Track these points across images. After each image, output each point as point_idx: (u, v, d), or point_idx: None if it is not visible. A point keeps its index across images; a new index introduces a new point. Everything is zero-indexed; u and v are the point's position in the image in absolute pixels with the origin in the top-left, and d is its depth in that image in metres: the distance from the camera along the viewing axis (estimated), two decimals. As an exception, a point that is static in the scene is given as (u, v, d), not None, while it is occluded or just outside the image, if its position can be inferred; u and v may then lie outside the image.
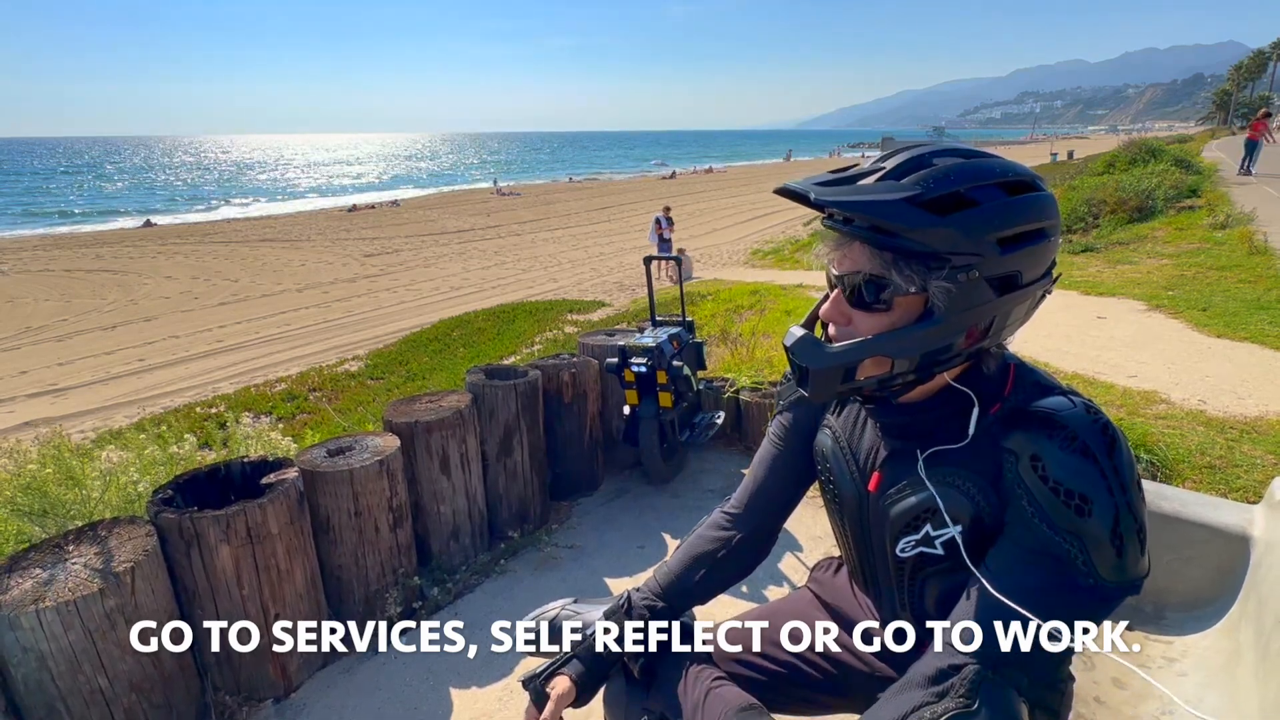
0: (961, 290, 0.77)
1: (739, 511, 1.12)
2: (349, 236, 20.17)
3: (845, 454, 1.00)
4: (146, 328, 10.37)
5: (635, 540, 2.81)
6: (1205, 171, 14.86)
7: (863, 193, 0.78)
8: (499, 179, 46.98)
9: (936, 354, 0.80)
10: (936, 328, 0.78)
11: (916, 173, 0.78)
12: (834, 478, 1.01)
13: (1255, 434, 2.99)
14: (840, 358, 0.82)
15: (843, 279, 0.84)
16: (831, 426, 1.03)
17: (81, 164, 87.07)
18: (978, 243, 0.76)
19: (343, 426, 4.15)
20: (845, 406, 1.03)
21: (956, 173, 0.77)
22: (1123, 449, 0.76)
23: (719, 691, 0.98)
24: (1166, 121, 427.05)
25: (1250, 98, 70.09)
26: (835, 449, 1.01)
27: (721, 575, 1.11)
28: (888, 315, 0.81)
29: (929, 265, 0.77)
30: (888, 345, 0.80)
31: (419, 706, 1.98)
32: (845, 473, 0.99)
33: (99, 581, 1.61)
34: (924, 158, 0.80)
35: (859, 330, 0.84)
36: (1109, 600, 0.76)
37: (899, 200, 0.75)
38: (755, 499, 1.11)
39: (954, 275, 0.76)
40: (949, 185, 0.77)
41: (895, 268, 0.78)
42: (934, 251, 0.76)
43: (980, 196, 0.77)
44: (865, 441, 0.98)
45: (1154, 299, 5.75)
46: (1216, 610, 1.71)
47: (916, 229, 0.75)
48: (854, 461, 0.98)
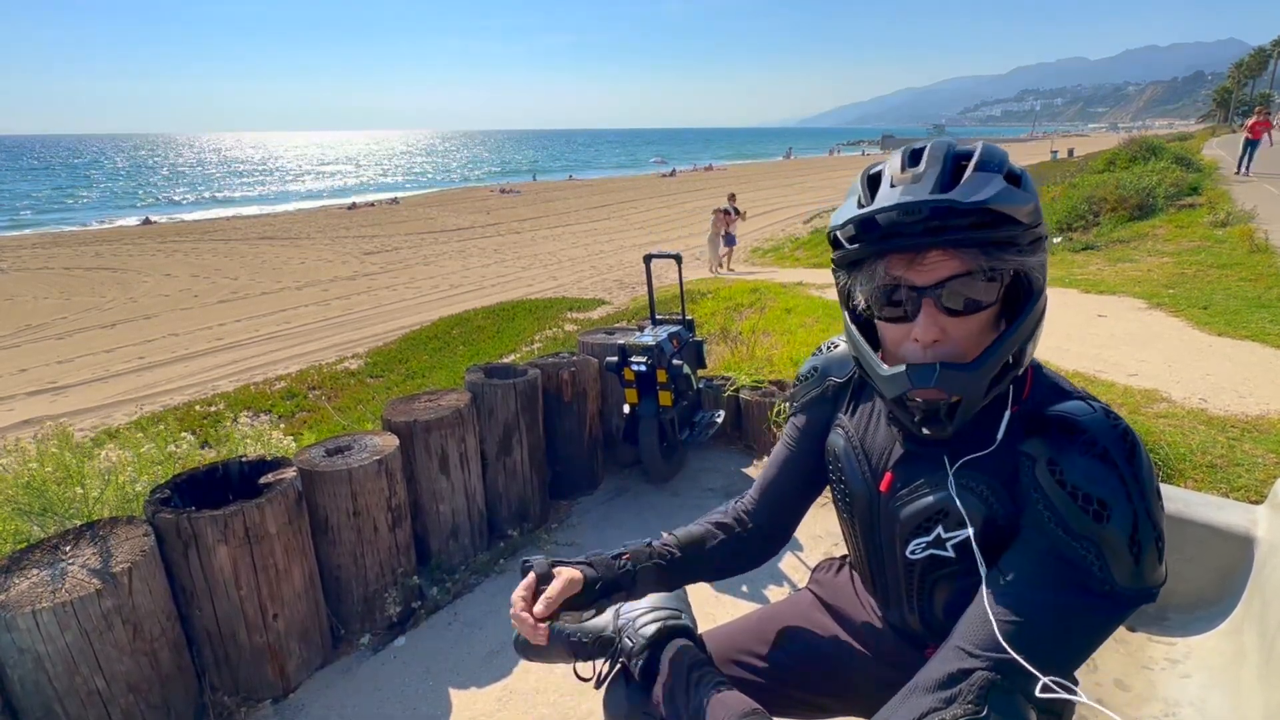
0: (1046, 258, 0.80)
1: (752, 507, 1.12)
2: (348, 234, 20.14)
3: (858, 453, 0.99)
4: (146, 325, 10.36)
5: (635, 539, 2.80)
6: (1206, 169, 14.85)
7: (976, 189, 0.74)
8: (499, 180, 46.91)
9: (1039, 333, 0.81)
10: (1040, 303, 0.79)
11: (969, 160, 0.77)
12: (845, 477, 1.00)
13: (1256, 433, 2.98)
14: (992, 367, 0.78)
15: (936, 290, 0.78)
16: (844, 426, 1.02)
17: (81, 163, 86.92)
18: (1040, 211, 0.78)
19: (342, 425, 4.14)
20: (859, 406, 1.02)
21: (995, 154, 0.78)
22: (1142, 455, 0.75)
23: (720, 695, 0.97)
24: (1167, 119, 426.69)
25: (1251, 95, 69.99)
26: (848, 448, 1.00)
27: (732, 552, 1.09)
28: (987, 312, 0.80)
29: (1023, 245, 0.76)
30: (1018, 339, 0.78)
31: (418, 706, 1.97)
32: (857, 472, 0.98)
33: (96, 582, 1.60)
34: (951, 146, 0.79)
35: (956, 339, 0.80)
36: (1123, 608, 0.74)
37: (1006, 186, 0.75)
38: (767, 495, 1.11)
39: (1044, 244, 0.79)
40: (1006, 164, 0.78)
41: (991, 258, 0.76)
42: (1027, 227, 0.75)
43: (1018, 170, 0.78)
44: (878, 441, 0.97)
45: (1154, 297, 5.74)
46: (1220, 611, 1.70)
47: (1025, 206, 0.75)
48: (866, 461, 0.98)
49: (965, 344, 0.80)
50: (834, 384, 1.06)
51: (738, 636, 1.15)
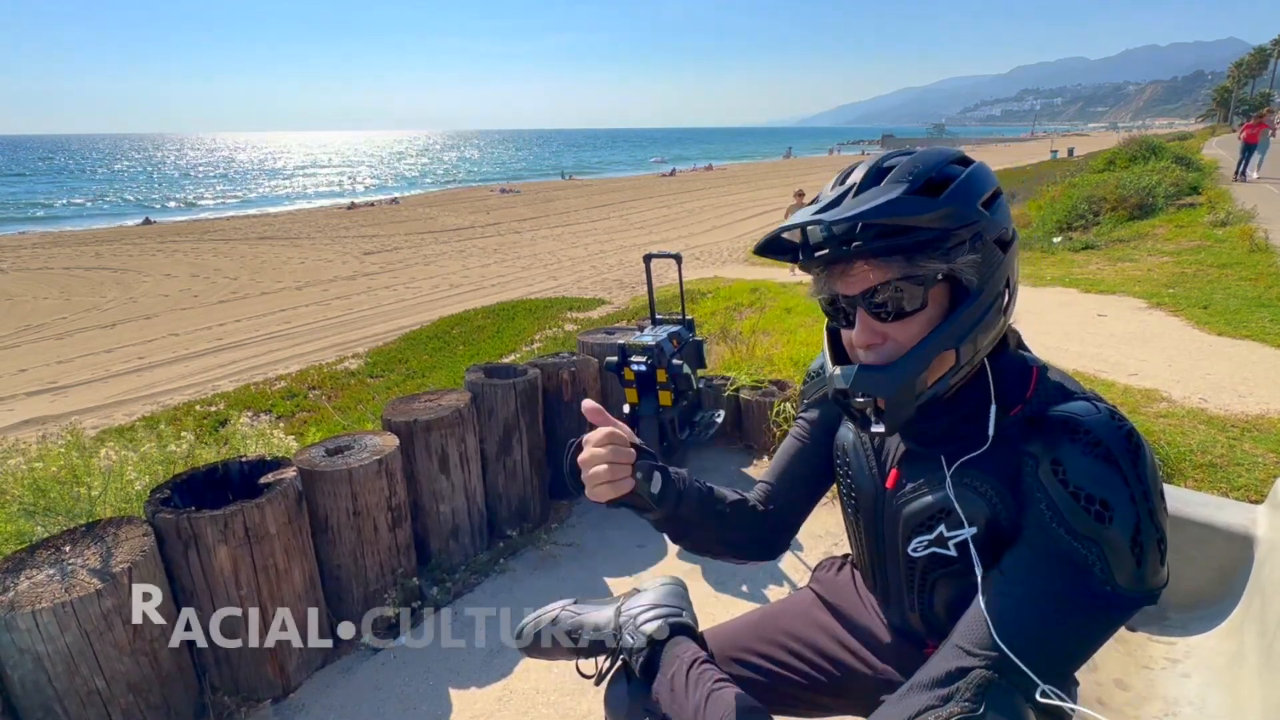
0: (984, 257, 0.79)
1: (765, 495, 1.11)
2: (348, 234, 20.13)
3: (865, 450, 1.00)
4: (146, 325, 10.34)
5: (635, 539, 2.81)
6: (1205, 169, 14.84)
7: (863, 203, 0.77)
8: (499, 180, 46.89)
9: (987, 328, 0.81)
10: (978, 301, 0.80)
11: (888, 175, 0.80)
12: (852, 472, 1.01)
13: (1256, 432, 2.98)
14: (910, 369, 0.80)
15: (865, 297, 0.82)
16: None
17: (81, 162, 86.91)
18: (973, 210, 0.78)
19: (342, 425, 4.14)
20: None
21: (921, 161, 0.80)
22: (1147, 457, 0.75)
23: (720, 693, 0.97)
24: (1167, 119, 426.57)
25: (1250, 95, 69.92)
26: (856, 444, 1.02)
27: (750, 524, 1.07)
28: (924, 314, 0.81)
29: (945, 248, 0.77)
30: (948, 338, 0.80)
31: (418, 706, 1.97)
32: (864, 468, 0.99)
33: (96, 582, 1.60)
34: (880, 163, 0.83)
35: (900, 342, 0.82)
36: (1125, 609, 0.74)
37: (900, 195, 0.76)
38: (780, 483, 1.11)
39: (974, 245, 0.78)
40: (925, 172, 0.79)
41: (913, 264, 0.78)
42: (945, 231, 0.77)
43: (950, 173, 0.80)
44: (886, 439, 0.98)
45: (1154, 296, 5.74)
46: (1219, 611, 1.70)
47: (927, 214, 0.76)
48: (873, 457, 0.99)
49: (908, 345, 0.82)
50: None
51: (738, 635, 1.15)
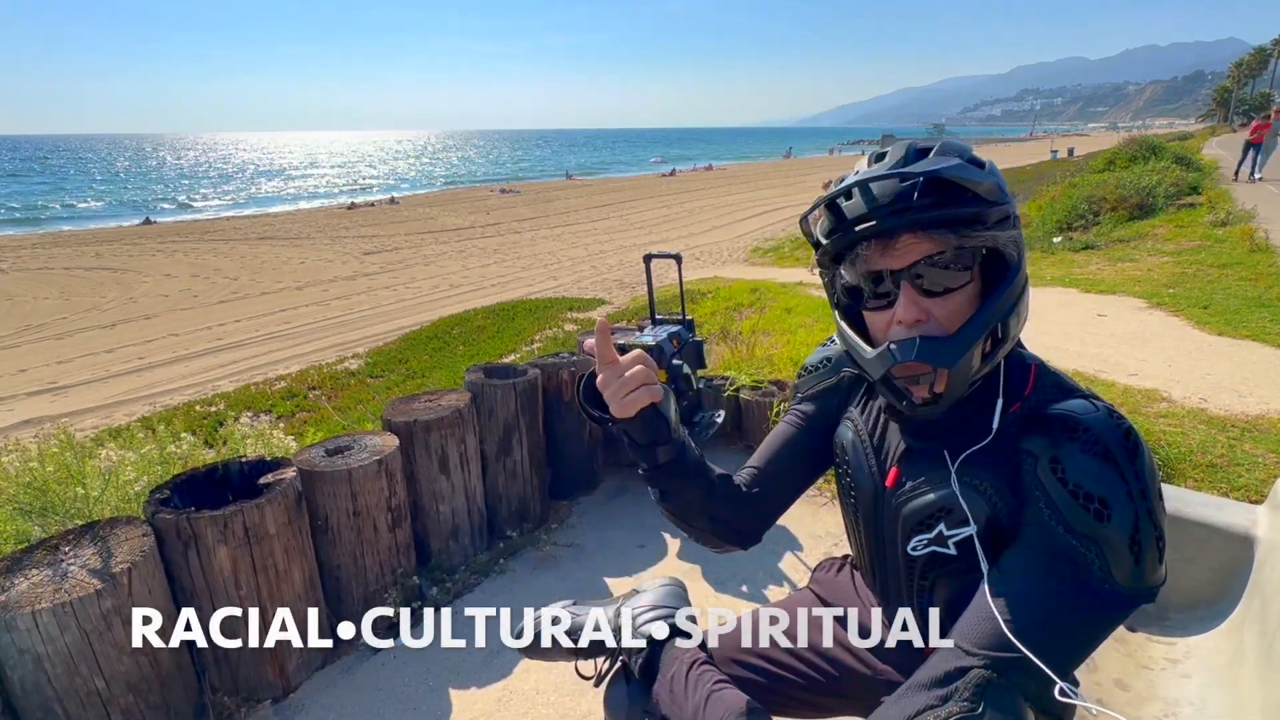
0: (1020, 234, 0.81)
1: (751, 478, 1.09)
2: (348, 234, 20.12)
3: (865, 447, 0.99)
4: (146, 325, 10.34)
5: (635, 539, 2.81)
6: (1206, 169, 14.83)
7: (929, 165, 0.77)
8: (499, 180, 46.87)
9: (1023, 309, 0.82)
10: (1019, 278, 0.80)
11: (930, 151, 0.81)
12: (851, 470, 1.01)
13: (1256, 432, 2.98)
14: (973, 337, 0.78)
15: (911, 271, 0.80)
16: (854, 420, 1.02)
17: (81, 163, 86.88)
18: (1007, 191, 0.80)
19: (342, 425, 4.14)
20: (870, 401, 1.02)
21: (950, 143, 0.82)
22: (1145, 455, 0.75)
23: (720, 694, 0.97)
24: (1167, 119, 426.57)
25: (1251, 95, 69.90)
26: (856, 441, 1.01)
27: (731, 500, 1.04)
28: (966, 291, 0.81)
29: (990, 222, 0.78)
30: (998, 312, 0.79)
31: (418, 706, 1.97)
32: (864, 466, 0.99)
33: (96, 582, 1.60)
34: (915, 142, 0.83)
35: (940, 319, 0.80)
36: (1123, 607, 0.74)
37: (961, 163, 0.78)
38: (767, 470, 1.08)
39: (1015, 222, 0.80)
40: (965, 151, 0.81)
41: (961, 236, 0.78)
42: (990, 204, 0.77)
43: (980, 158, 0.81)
44: (886, 436, 0.97)
45: (1154, 296, 5.74)
46: (1220, 611, 1.70)
47: (985, 182, 0.77)
48: (873, 455, 0.98)
49: (949, 324, 0.81)
50: (850, 375, 1.06)
51: (738, 636, 1.15)
